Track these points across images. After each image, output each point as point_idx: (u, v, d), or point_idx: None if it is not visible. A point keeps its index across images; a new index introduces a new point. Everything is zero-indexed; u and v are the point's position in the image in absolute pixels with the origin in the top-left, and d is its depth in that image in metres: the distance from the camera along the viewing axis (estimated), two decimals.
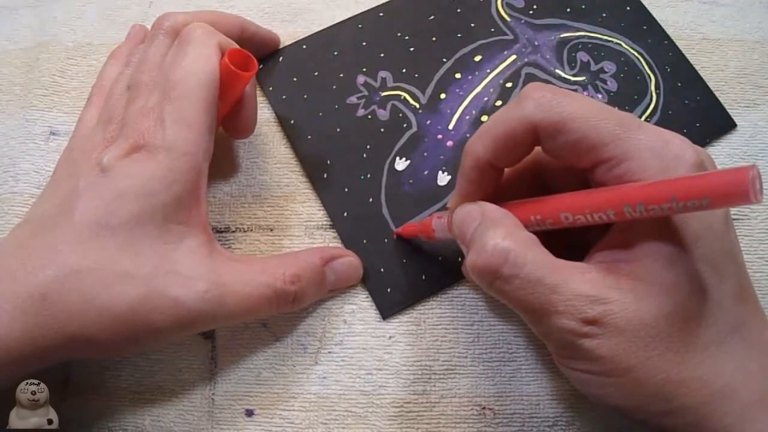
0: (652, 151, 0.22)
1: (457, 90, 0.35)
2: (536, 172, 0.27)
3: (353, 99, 0.35)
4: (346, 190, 0.33)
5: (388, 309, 0.30)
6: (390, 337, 0.30)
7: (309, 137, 0.34)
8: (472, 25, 0.36)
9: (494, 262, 0.22)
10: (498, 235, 0.22)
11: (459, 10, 0.37)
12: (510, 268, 0.22)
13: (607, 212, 0.21)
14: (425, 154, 0.33)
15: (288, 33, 0.37)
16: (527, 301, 0.22)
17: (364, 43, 0.36)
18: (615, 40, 0.36)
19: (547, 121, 0.23)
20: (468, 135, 0.34)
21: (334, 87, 0.35)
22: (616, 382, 0.22)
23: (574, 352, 0.22)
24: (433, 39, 0.36)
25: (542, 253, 0.22)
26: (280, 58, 0.36)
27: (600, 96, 0.34)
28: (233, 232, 0.32)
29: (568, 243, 0.25)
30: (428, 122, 0.34)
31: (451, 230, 0.26)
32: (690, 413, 0.21)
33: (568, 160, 0.24)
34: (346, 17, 0.37)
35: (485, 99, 0.34)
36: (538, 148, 0.24)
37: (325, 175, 0.33)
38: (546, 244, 0.23)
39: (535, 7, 0.37)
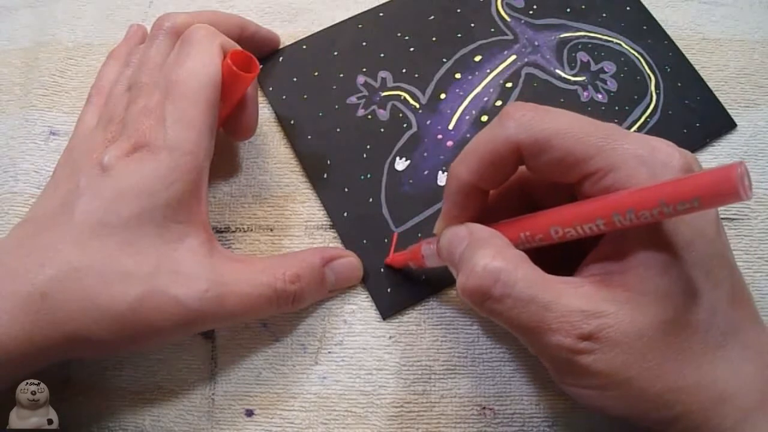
0: (638, 159, 0.21)
1: (457, 90, 0.35)
2: (523, 190, 0.27)
3: (353, 99, 0.35)
4: (346, 190, 0.33)
5: (388, 309, 0.30)
6: (390, 337, 0.30)
7: (309, 137, 0.34)
8: (472, 25, 0.36)
9: (485, 284, 0.22)
10: (487, 255, 0.22)
11: (459, 10, 0.37)
12: (501, 288, 0.21)
13: (597, 222, 0.21)
14: (425, 154, 0.33)
15: (288, 33, 0.37)
16: (520, 320, 0.22)
17: (364, 43, 0.36)
18: (615, 40, 0.36)
19: (530, 140, 0.22)
20: (468, 135, 0.34)
21: (334, 87, 0.35)
22: (616, 394, 0.22)
23: (572, 368, 0.22)
24: (433, 39, 0.36)
25: (533, 271, 0.22)
26: (280, 58, 0.36)
27: (600, 96, 0.34)
28: (233, 232, 0.32)
29: (558, 259, 0.24)
30: (428, 122, 0.34)
31: (440, 254, 0.25)
32: (690, 419, 0.21)
33: (555, 176, 0.23)
34: (346, 17, 0.37)
35: (485, 99, 0.34)
36: (523, 167, 0.24)
37: (325, 175, 0.33)
38: (537, 262, 0.22)
39: (535, 7, 0.37)
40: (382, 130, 0.34)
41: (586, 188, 0.22)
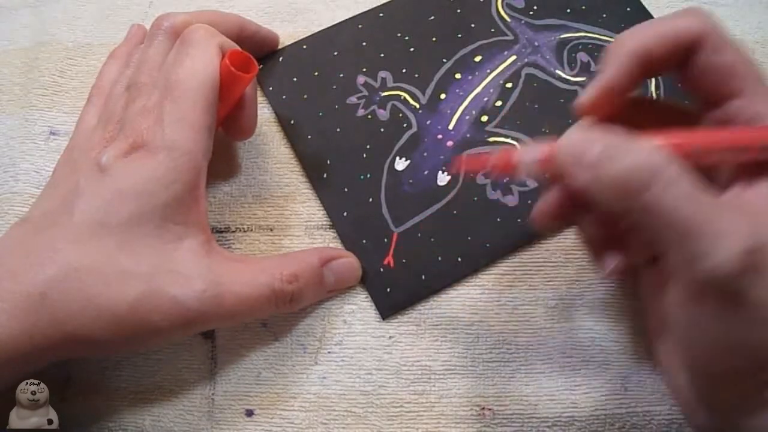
0: None
1: (457, 90, 0.35)
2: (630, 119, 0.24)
3: (353, 99, 0.35)
4: (346, 190, 0.33)
5: (387, 309, 0.30)
6: (390, 337, 0.30)
7: (309, 137, 0.34)
8: (472, 25, 0.36)
9: (649, 169, 0.19)
10: (648, 146, 0.20)
11: (459, 11, 0.37)
12: (668, 177, 0.19)
13: None
14: (425, 154, 0.33)
15: (288, 33, 0.37)
16: (683, 215, 0.19)
17: (364, 43, 0.36)
18: None
19: (716, 34, 0.22)
20: (468, 135, 0.34)
21: (334, 87, 0.35)
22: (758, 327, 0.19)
23: (720, 292, 0.19)
24: (433, 39, 0.36)
25: (696, 177, 0.20)
26: (280, 58, 0.36)
27: None
28: (233, 232, 0.32)
29: None
30: (428, 122, 0.34)
31: (547, 158, 0.22)
32: None
33: (708, 84, 0.23)
34: (346, 17, 0.37)
35: (485, 99, 0.34)
36: (641, 98, 0.23)
37: (325, 175, 0.33)
38: None
39: (535, 7, 0.37)
40: (382, 130, 0.34)
41: (731, 110, 0.22)
